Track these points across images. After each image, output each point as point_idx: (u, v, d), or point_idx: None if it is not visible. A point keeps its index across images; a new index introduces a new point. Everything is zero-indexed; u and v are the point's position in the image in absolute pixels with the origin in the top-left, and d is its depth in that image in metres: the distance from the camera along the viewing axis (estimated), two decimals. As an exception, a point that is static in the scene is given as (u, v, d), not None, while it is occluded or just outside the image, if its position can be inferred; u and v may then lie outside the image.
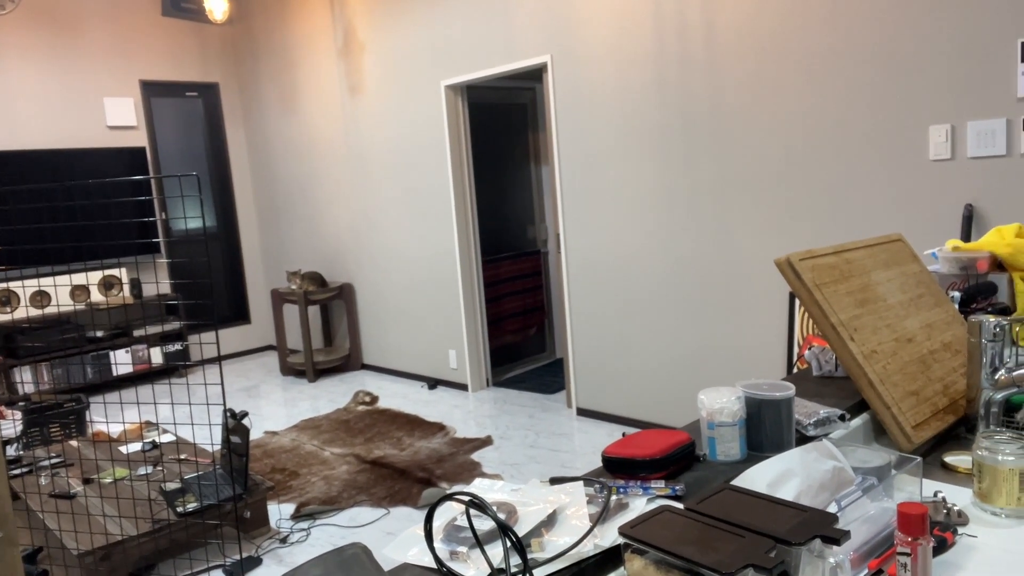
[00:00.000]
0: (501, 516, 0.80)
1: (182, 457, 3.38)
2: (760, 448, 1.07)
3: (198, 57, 6.43)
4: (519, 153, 5.66)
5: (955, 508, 1.00)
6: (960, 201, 2.89)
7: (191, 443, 3.63)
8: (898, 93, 2.99)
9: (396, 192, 5.38)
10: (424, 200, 5.17)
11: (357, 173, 5.67)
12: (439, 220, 5.08)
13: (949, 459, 1.25)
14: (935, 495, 1.04)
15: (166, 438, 3.69)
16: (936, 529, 0.95)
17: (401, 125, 5.21)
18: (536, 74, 5.50)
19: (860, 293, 1.39)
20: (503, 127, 5.51)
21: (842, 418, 1.16)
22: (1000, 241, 1.77)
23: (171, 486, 2.98)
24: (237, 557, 2.91)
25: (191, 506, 2.79)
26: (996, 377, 1.28)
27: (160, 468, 3.26)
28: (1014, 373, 1.27)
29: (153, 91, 6.16)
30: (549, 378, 5.27)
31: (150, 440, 3.63)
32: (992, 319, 1.29)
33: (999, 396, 1.29)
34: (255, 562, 2.88)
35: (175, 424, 3.70)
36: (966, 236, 2.87)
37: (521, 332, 5.63)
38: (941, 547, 0.93)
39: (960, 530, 0.97)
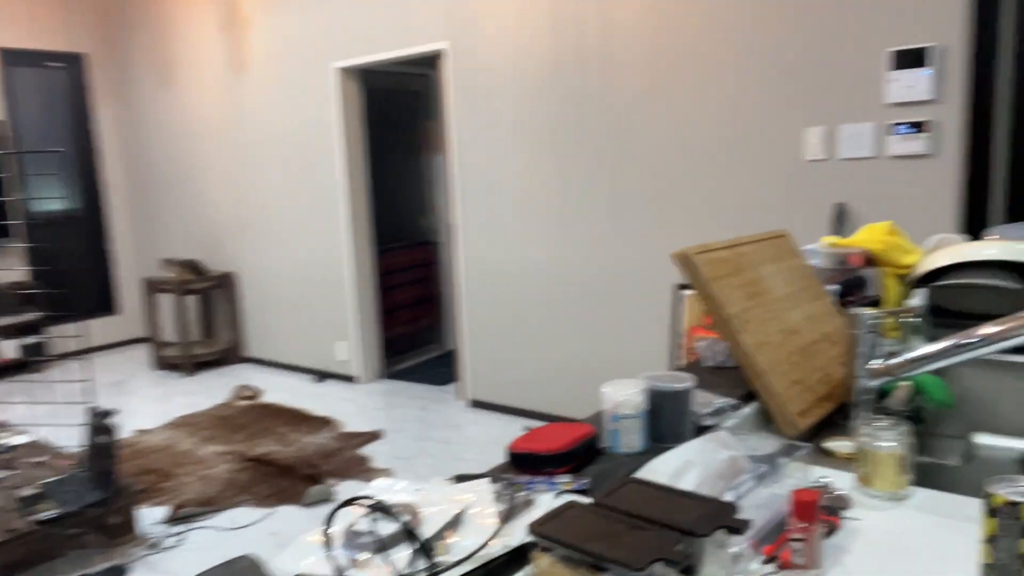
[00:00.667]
0: (404, 519, 0.76)
1: (40, 460, 3.10)
2: (660, 439, 1.07)
3: (62, 24, 5.90)
4: (413, 141, 5.56)
5: (839, 493, 1.05)
6: (833, 199, 3.07)
7: (51, 445, 3.33)
8: (778, 97, 3.14)
9: (284, 177, 5.15)
10: (314, 186, 4.98)
11: (241, 156, 5.38)
12: (330, 207, 4.91)
13: (828, 445, 1.31)
14: (820, 481, 1.08)
15: (22, 439, 3.37)
16: (823, 514, 0.98)
17: (290, 107, 4.99)
18: (431, 61, 5.41)
19: (750, 286, 1.44)
20: (397, 113, 5.39)
21: (735, 407, 1.19)
22: (873, 238, 1.88)
23: (27, 492, 2.72)
24: (103, 566, 2.69)
25: (50, 513, 2.56)
26: (872, 366, 1.36)
27: (15, 472, 2.97)
28: (888, 363, 1.34)
29: (11, 60, 5.59)
30: (442, 369, 5.23)
31: (4, 442, 3.30)
32: (870, 312, 1.36)
33: (874, 384, 1.37)
34: (123, 570, 2.68)
35: (33, 424, 3.37)
36: (837, 232, 3.06)
37: (414, 323, 5.55)
38: (828, 531, 0.96)
39: (845, 514, 1.02)
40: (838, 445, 1.30)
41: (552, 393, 4.09)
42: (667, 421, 1.06)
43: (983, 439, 1.67)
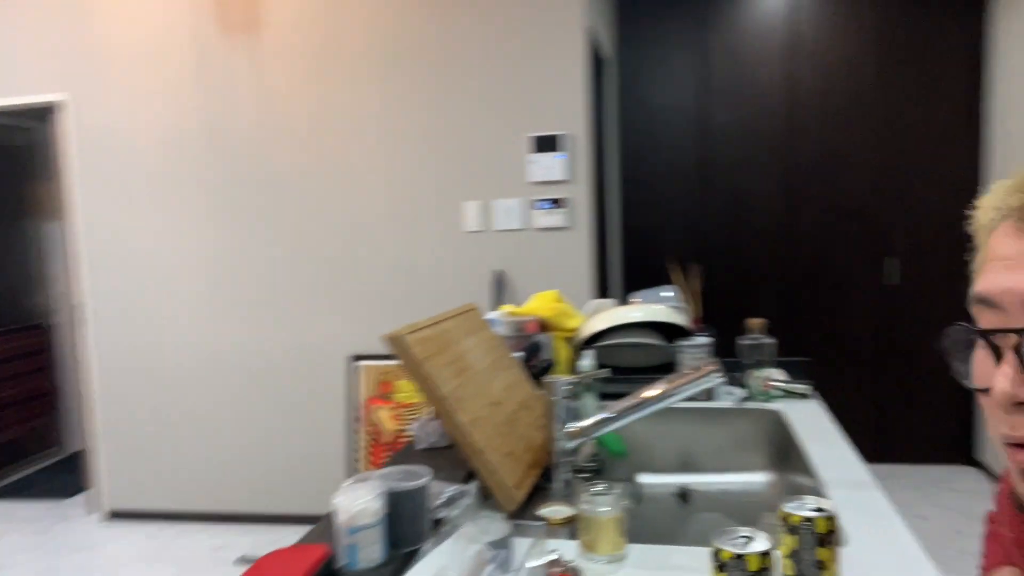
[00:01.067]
0: None
1: None
2: (399, 543, 0.99)
3: None
4: (18, 205, 4.63)
5: (572, 564, 1.07)
6: (491, 267, 3.31)
7: None
8: (439, 173, 3.31)
9: None
10: None
11: None
12: None
13: (542, 512, 1.35)
14: (552, 554, 1.10)
15: None
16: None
17: None
18: (40, 113, 4.60)
19: (457, 363, 1.44)
20: (-8, 172, 4.45)
21: (464, 493, 1.16)
22: (543, 306, 2.05)
23: None
24: None
25: None
26: (569, 429, 1.45)
27: None
28: (583, 424, 1.45)
29: None
30: (66, 477, 4.34)
31: None
32: (564, 378, 1.45)
33: (571, 445, 1.46)
34: None
35: None
36: (498, 299, 3.29)
37: (23, 425, 4.53)
38: (574, 608, 0.97)
39: (581, 585, 1.04)
40: (551, 512, 1.34)
41: (217, 488, 3.64)
42: (406, 523, 0.98)
43: (645, 479, 1.89)
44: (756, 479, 1.83)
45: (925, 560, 1.04)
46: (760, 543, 0.84)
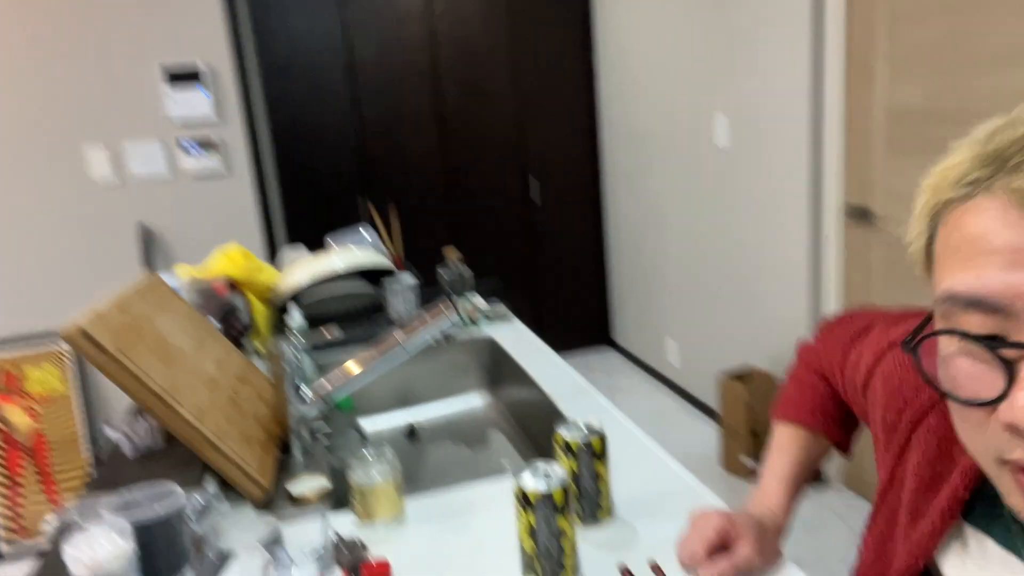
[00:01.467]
0: None
1: None
2: (159, 581, 0.81)
3: None
4: None
5: (353, 539, 1.00)
6: (134, 221, 2.85)
7: None
8: (53, 112, 2.69)
9: None
10: None
11: None
12: None
13: (295, 491, 1.24)
14: (332, 535, 1.01)
15: None
16: (364, 569, 0.93)
17: None
18: None
19: (160, 349, 1.22)
20: None
21: (216, 498, 1.00)
22: (231, 264, 1.83)
23: None
24: None
25: None
26: (310, 393, 1.33)
27: None
28: (326, 386, 1.34)
29: None
30: None
31: None
32: (287, 343, 1.32)
33: (312, 412, 1.35)
34: None
35: None
36: (147, 257, 2.86)
37: None
38: (376, 586, 0.92)
39: (369, 556, 0.98)
40: (304, 488, 1.24)
41: None
42: (163, 555, 0.81)
43: (369, 422, 1.86)
44: (475, 402, 1.91)
45: (652, 444, 1.20)
46: (558, 476, 0.87)
